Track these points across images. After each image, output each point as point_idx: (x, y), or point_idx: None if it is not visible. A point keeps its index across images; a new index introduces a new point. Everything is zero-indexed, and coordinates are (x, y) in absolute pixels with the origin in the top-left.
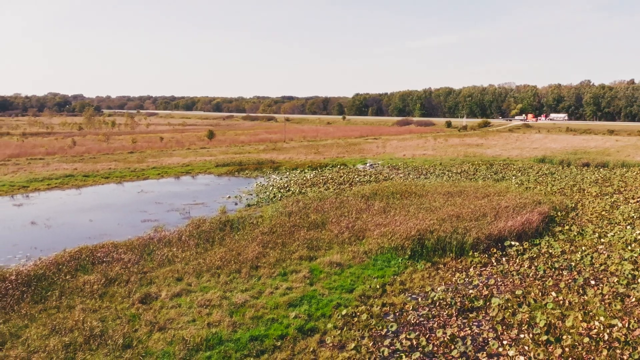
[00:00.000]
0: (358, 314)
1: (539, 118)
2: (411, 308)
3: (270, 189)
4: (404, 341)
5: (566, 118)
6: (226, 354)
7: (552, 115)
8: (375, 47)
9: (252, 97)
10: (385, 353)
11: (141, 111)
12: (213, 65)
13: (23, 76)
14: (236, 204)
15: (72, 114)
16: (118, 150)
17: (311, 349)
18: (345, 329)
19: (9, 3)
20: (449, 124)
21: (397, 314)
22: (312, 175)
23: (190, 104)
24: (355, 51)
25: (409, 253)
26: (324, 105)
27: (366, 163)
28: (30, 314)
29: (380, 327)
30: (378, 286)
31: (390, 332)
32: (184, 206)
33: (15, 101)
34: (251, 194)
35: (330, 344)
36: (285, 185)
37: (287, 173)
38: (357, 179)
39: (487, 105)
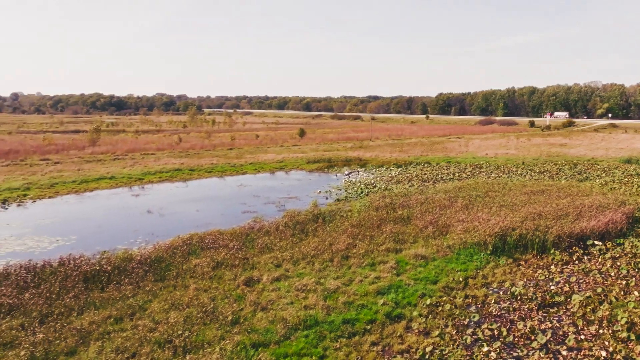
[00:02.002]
0: (442, 304)
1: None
2: (493, 301)
3: (358, 184)
4: (485, 331)
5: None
6: (321, 334)
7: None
8: (459, 46)
9: (339, 97)
10: (468, 341)
11: (237, 110)
12: (303, 66)
13: (135, 78)
14: (327, 198)
15: (177, 112)
16: (218, 147)
17: (398, 333)
18: (429, 317)
19: (124, 12)
20: (532, 124)
21: (479, 305)
22: (397, 172)
23: (282, 104)
24: (439, 51)
25: (491, 249)
26: (408, 105)
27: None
28: (152, 291)
29: (463, 317)
30: (461, 279)
31: (472, 322)
32: (279, 199)
33: (128, 101)
34: (340, 189)
35: (416, 330)
36: (372, 181)
37: (374, 170)
38: (441, 176)
39: (572, 104)
